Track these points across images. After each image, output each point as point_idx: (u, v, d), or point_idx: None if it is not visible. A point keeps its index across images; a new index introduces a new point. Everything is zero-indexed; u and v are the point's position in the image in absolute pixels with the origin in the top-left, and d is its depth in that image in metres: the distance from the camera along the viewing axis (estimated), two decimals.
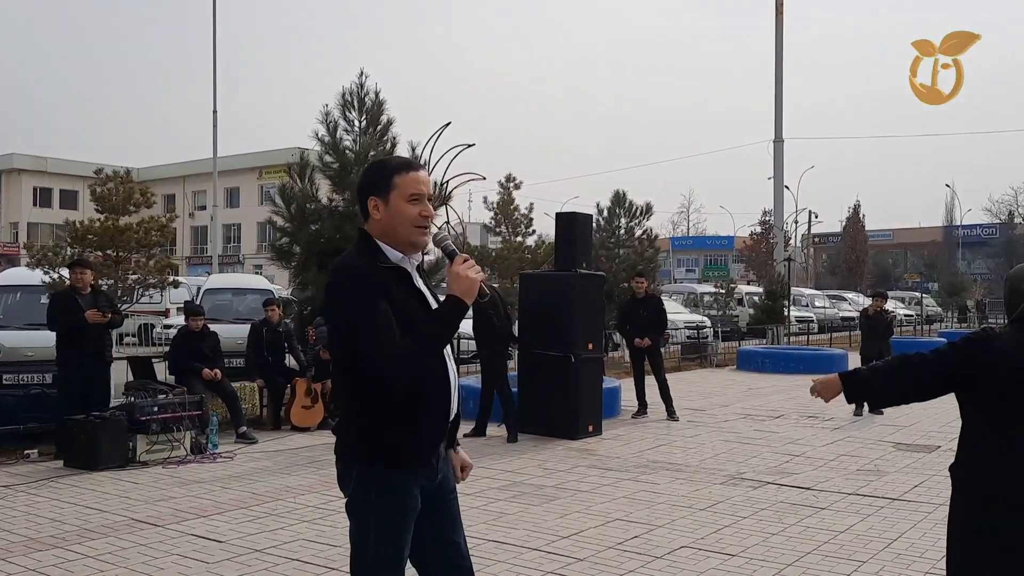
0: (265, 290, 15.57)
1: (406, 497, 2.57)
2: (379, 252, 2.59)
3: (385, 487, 2.56)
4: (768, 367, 17.51)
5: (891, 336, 11.85)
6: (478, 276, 2.55)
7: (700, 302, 28.99)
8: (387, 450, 2.55)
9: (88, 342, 8.04)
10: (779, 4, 28.70)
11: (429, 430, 2.60)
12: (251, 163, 59.65)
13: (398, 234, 2.60)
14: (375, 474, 2.57)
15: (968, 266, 61.65)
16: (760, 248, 54.01)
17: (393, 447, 2.55)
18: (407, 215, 2.58)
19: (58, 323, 8.04)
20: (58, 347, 8.14)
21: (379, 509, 2.57)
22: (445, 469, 2.73)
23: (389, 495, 2.56)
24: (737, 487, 6.98)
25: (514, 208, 18.92)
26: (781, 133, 28.90)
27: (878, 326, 11.71)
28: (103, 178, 11.20)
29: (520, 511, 6.12)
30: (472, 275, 2.54)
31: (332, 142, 11.93)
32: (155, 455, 7.73)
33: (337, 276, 2.57)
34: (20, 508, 6.16)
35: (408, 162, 2.68)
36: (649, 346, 10.79)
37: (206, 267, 47.45)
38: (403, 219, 2.58)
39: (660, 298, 11.95)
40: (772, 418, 10.94)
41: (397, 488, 2.57)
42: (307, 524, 5.76)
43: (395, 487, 2.56)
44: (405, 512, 2.58)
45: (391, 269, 2.58)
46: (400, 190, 2.58)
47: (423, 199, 2.60)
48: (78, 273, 8.28)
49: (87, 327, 7.98)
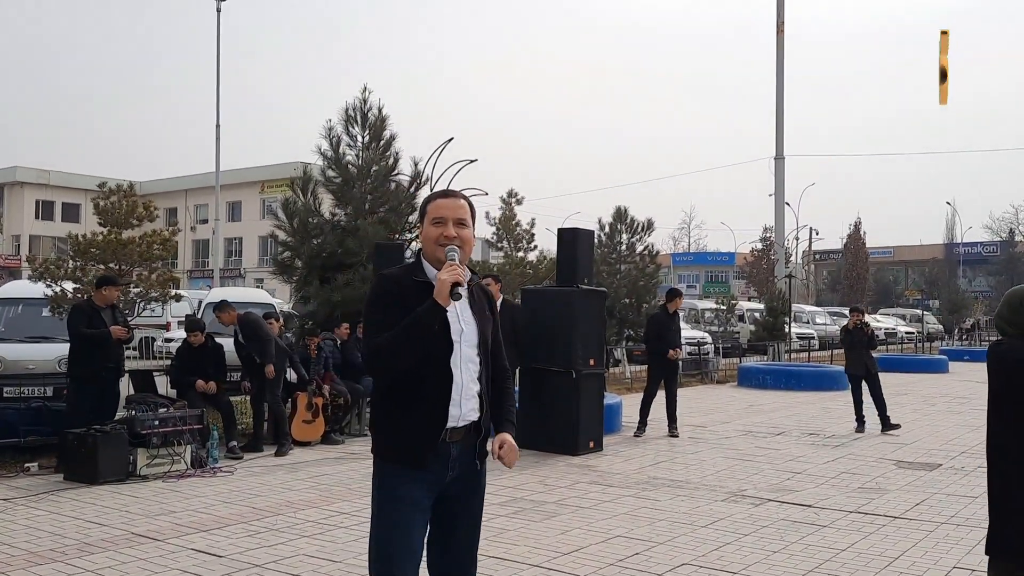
0: (267, 304, 15.59)
1: (400, 490, 2.87)
2: (419, 268, 3.00)
3: (383, 479, 2.92)
4: (769, 384, 17.50)
5: (874, 349, 11.78)
6: (447, 278, 2.81)
7: (701, 318, 28.98)
8: (383, 445, 2.94)
9: (112, 354, 8.24)
10: (780, 23, 28.87)
11: (419, 431, 2.87)
12: (253, 177, 59.87)
13: (427, 251, 3.00)
14: (377, 466, 2.95)
15: (969, 283, 61.75)
16: (761, 264, 54.11)
17: (387, 443, 2.92)
18: (429, 235, 2.97)
19: (84, 335, 8.10)
20: (73, 359, 8.18)
21: (378, 498, 2.93)
22: (461, 471, 2.94)
23: (386, 487, 2.90)
24: (738, 504, 6.96)
25: (516, 223, 18.99)
26: (782, 150, 29.04)
27: (859, 340, 11.69)
28: (106, 192, 11.21)
29: (521, 527, 6.10)
30: (443, 277, 2.82)
31: (335, 157, 11.99)
32: (155, 469, 7.72)
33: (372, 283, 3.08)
34: (20, 522, 6.15)
35: (442, 193, 3.10)
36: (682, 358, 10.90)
37: (207, 280, 47.53)
38: (427, 239, 2.99)
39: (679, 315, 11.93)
40: (773, 435, 10.92)
41: (392, 481, 2.89)
42: (307, 539, 5.74)
43: (391, 479, 2.89)
44: (398, 503, 2.87)
45: (420, 283, 2.92)
46: (429, 215, 3.00)
47: (446, 222, 2.95)
48: (112, 290, 8.47)
49: (110, 340, 8.16)
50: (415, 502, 2.87)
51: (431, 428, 2.86)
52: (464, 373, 2.91)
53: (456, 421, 2.89)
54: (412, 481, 2.86)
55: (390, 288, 2.91)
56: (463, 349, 2.92)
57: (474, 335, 2.97)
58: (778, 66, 28.72)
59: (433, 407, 2.86)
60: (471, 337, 2.96)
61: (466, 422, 2.93)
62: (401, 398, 2.89)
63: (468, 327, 2.95)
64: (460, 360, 2.90)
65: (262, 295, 18.19)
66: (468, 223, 2.99)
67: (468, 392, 2.92)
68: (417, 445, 2.86)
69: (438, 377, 2.86)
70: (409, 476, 2.86)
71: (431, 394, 2.86)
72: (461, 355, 2.91)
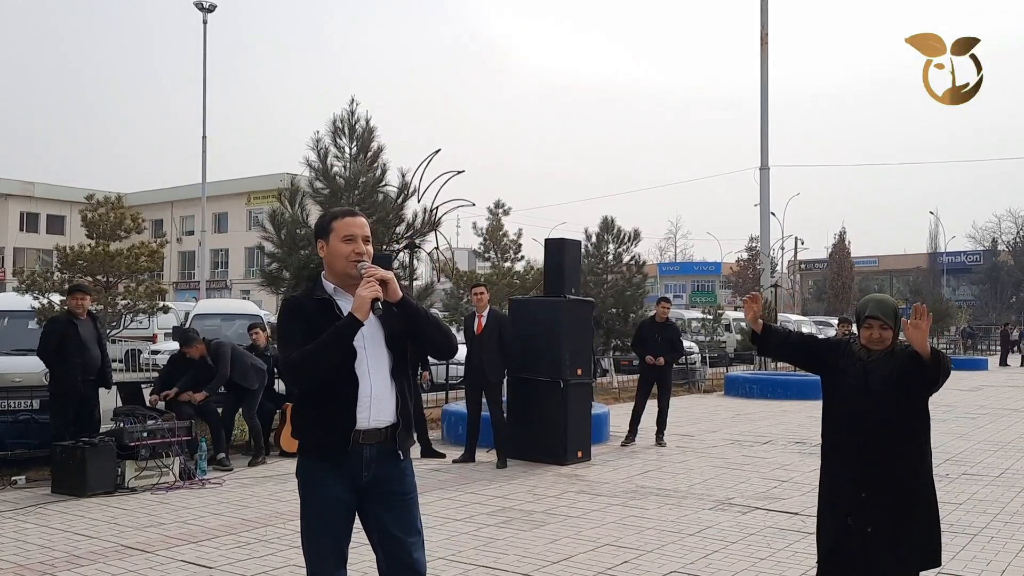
0: (253, 315, 15.56)
1: (316, 484, 3.08)
2: (319, 287, 3.17)
3: (304, 474, 3.13)
4: (755, 393, 17.59)
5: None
6: (367, 294, 2.94)
7: (687, 328, 29.06)
8: (302, 442, 3.15)
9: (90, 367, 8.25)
10: (764, 35, 29.12)
11: (330, 431, 3.03)
12: (239, 188, 59.65)
13: (336, 268, 3.13)
14: (299, 462, 3.16)
15: (953, 292, 62.14)
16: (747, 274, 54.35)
17: (304, 440, 3.14)
18: (340, 252, 3.10)
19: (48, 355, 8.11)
20: (52, 374, 8.17)
21: (300, 488, 3.15)
22: (380, 471, 3.08)
23: (306, 482, 3.12)
24: (726, 512, 7.02)
25: (503, 234, 19.00)
26: (767, 160, 29.21)
27: None
28: (94, 203, 11.21)
29: (510, 536, 6.13)
30: (363, 293, 2.95)
31: (323, 168, 12.01)
32: (144, 481, 7.70)
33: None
34: (8, 535, 6.13)
35: (346, 211, 3.20)
36: (661, 365, 10.86)
37: (193, 292, 47.30)
38: (337, 255, 3.11)
39: (677, 326, 11.93)
40: (760, 444, 10.99)
41: (310, 475, 3.10)
42: (296, 550, 5.71)
43: (309, 474, 3.10)
44: (317, 496, 3.07)
45: (320, 300, 3.10)
46: (337, 232, 3.11)
47: (356, 239, 3.10)
48: (78, 298, 8.37)
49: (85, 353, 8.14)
50: (334, 496, 3.06)
51: (340, 429, 3.02)
52: (374, 376, 3.06)
53: (366, 423, 3.04)
54: (329, 477, 3.06)
55: (294, 308, 3.13)
56: (369, 351, 3.05)
57: (379, 333, 3.10)
58: (762, 77, 28.95)
59: (340, 409, 3.02)
60: (376, 336, 3.08)
61: (379, 424, 3.07)
62: (313, 400, 3.07)
63: (371, 328, 3.05)
64: (367, 363, 3.04)
65: (249, 306, 18.16)
66: (369, 238, 3.18)
67: (379, 394, 3.06)
68: (328, 444, 3.04)
69: (344, 381, 3.02)
70: (326, 472, 3.06)
71: (338, 397, 3.02)
72: (367, 358, 3.04)
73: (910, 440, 3.79)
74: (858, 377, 3.80)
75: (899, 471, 3.75)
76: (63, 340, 8.10)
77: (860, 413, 3.77)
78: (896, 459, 3.75)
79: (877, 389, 3.74)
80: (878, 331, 3.77)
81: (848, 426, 3.82)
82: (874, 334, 3.78)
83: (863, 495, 3.74)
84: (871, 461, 3.75)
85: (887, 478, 3.74)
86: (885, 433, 3.74)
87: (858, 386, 3.79)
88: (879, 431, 3.74)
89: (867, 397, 3.76)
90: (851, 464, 3.79)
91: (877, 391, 3.74)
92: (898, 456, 3.76)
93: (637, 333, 11.51)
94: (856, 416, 3.78)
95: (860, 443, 3.76)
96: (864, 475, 3.75)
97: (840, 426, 3.87)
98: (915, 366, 3.64)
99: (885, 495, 3.73)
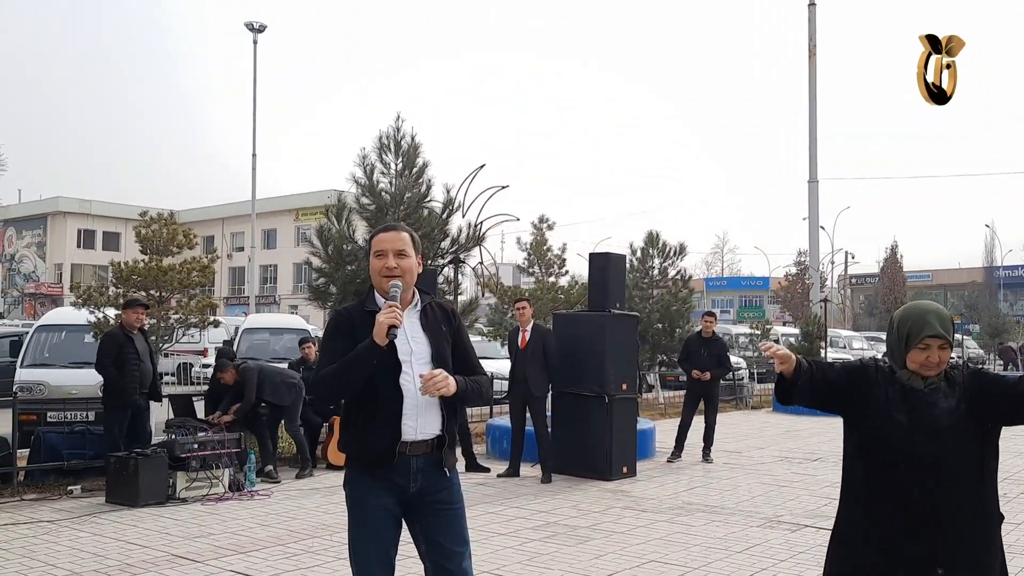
0: (302, 329, 15.78)
1: (364, 496, 3.11)
2: (370, 298, 3.23)
3: (351, 484, 3.17)
4: (805, 410, 17.26)
5: None
6: (384, 320, 2.99)
7: (735, 343, 28.74)
8: (350, 453, 3.20)
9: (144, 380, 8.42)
10: (812, 47, 28.83)
11: (373, 441, 3.08)
12: (287, 205, 60.66)
13: (374, 283, 3.23)
14: (347, 473, 3.21)
15: (1011, 307, 60.56)
16: (796, 289, 53.50)
17: (352, 451, 3.18)
18: (374, 268, 3.20)
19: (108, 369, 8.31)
20: (106, 387, 8.38)
21: (347, 499, 3.18)
22: (427, 481, 3.13)
23: (353, 492, 3.16)
24: (774, 530, 6.90)
25: (547, 249, 19.00)
26: (816, 173, 28.85)
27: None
28: (148, 220, 11.49)
29: (555, 551, 6.10)
30: (380, 319, 3.00)
31: (369, 184, 12.18)
32: (194, 492, 7.84)
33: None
34: (64, 543, 6.28)
35: (383, 227, 3.29)
36: (708, 380, 10.75)
37: (243, 307, 48.09)
38: (373, 271, 3.22)
39: (723, 341, 11.79)
40: (810, 461, 10.80)
41: (357, 486, 3.14)
42: (343, 561, 5.78)
43: (356, 485, 3.15)
44: (364, 507, 3.11)
45: (369, 312, 3.12)
46: (372, 249, 3.23)
47: (386, 255, 3.17)
48: (138, 312, 8.59)
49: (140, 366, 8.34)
50: (382, 507, 3.09)
51: (387, 440, 3.07)
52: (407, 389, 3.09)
53: (413, 434, 3.09)
54: (377, 488, 3.10)
55: (341, 323, 3.20)
56: (415, 367, 3.11)
57: (426, 352, 3.16)
58: (810, 89, 28.63)
59: (387, 421, 3.07)
60: (423, 355, 3.16)
61: (425, 436, 3.12)
62: (360, 411, 3.12)
63: (419, 346, 3.16)
64: (413, 377, 3.08)
65: (297, 320, 18.42)
66: (408, 252, 3.19)
67: (424, 406, 3.10)
68: (375, 455, 3.09)
69: (389, 394, 3.07)
70: (373, 483, 3.10)
71: (383, 409, 3.07)
72: (414, 373, 3.10)
73: (984, 500, 2.83)
74: (913, 413, 2.79)
75: (975, 541, 2.81)
76: (120, 353, 8.30)
77: (928, 460, 2.75)
78: (977, 520, 2.81)
79: (946, 427, 2.76)
80: (937, 353, 2.79)
81: (912, 478, 2.77)
82: (932, 357, 2.79)
83: (939, 572, 2.74)
84: (947, 531, 2.76)
85: (966, 553, 2.78)
86: (962, 485, 2.77)
87: (916, 425, 2.78)
88: (954, 483, 2.75)
89: (935, 439, 2.75)
90: (914, 528, 2.78)
91: (945, 429, 2.76)
92: (980, 516, 2.82)
93: (684, 348, 11.40)
94: (924, 464, 2.75)
95: (932, 504, 2.74)
96: (936, 548, 2.75)
97: (897, 476, 2.80)
98: (1001, 389, 2.78)
99: (966, 571, 2.79)
